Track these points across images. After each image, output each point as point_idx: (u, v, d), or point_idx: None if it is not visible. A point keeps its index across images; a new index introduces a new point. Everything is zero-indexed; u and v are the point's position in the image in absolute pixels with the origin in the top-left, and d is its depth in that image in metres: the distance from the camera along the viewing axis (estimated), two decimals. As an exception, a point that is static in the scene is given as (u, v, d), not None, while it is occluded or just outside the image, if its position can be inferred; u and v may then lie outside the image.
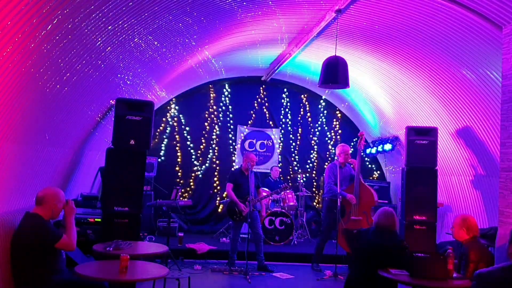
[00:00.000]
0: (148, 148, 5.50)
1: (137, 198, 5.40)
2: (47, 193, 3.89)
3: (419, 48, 6.00)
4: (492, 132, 5.78)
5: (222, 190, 9.48)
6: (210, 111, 9.79)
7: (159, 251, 4.40)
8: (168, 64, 6.64)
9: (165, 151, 9.49)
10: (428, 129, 6.46)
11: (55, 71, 3.92)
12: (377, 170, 10.08)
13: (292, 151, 10.12)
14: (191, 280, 5.03)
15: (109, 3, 3.81)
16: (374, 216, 4.53)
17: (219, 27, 6.01)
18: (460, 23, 5.04)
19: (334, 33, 5.97)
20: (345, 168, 6.96)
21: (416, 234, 6.17)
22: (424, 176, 6.28)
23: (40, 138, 4.44)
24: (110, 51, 4.72)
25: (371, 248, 4.28)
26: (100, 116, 6.15)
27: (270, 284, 6.28)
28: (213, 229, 9.15)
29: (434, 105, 6.82)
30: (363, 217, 6.66)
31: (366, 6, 5.43)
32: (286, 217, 8.24)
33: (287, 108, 10.15)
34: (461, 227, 4.27)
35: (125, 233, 5.08)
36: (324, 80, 5.54)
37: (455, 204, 7.18)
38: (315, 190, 10.09)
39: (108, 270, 3.63)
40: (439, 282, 3.79)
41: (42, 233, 3.70)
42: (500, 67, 4.73)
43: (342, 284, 4.72)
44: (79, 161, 6.26)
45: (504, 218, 4.50)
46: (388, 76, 7.28)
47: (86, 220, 5.81)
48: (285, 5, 5.67)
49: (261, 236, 6.85)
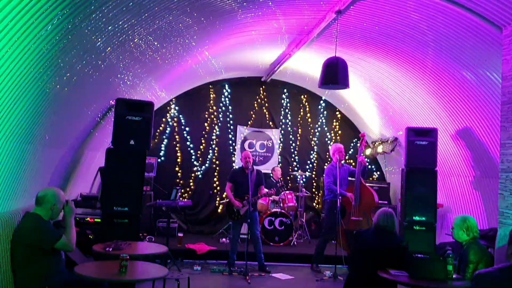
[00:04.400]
0: (148, 148, 5.50)
1: (136, 199, 5.41)
2: (46, 193, 3.90)
3: (419, 49, 6.00)
4: (492, 133, 5.78)
5: (222, 191, 9.47)
6: (210, 111, 9.79)
7: (159, 251, 4.41)
8: (168, 64, 6.64)
9: (165, 151, 9.49)
10: (428, 130, 6.47)
11: (55, 72, 3.93)
12: (377, 170, 10.09)
13: (292, 152, 10.12)
14: (190, 281, 5.03)
15: (109, 4, 3.82)
16: (374, 216, 4.53)
17: (219, 28, 6.01)
18: (460, 24, 5.04)
19: (334, 34, 5.97)
20: (342, 168, 6.96)
21: (416, 234, 6.17)
22: (424, 177, 6.29)
23: (40, 138, 4.44)
24: (110, 51, 4.72)
25: (370, 249, 4.28)
26: (100, 116, 6.16)
27: (269, 285, 6.28)
28: (212, 229, 9.15)
29: (434, 106, 6.82)
30: (363, 218, 6.66)
31: (366, 7, 5.43)
32: (286, 218, 8.24)
33: (287, 108, 10.15)
34: (461, 228, 4.27)
35: (125, 233, 5.08)
36: (324, 81, 5.55)
37: (454, 205, 7.18)
38: (314, 190, 10.09)
39: (107, 271, 3.62)
40: (438, 283, 3.79)
41: (42, 233, 3.70)
42: (500, 68, 4.73)
43: (341, 285, 4.72)
44: (79, 161, 6.27)
45: (503, 219, 4.50)
46: (388, 76, 7.29)
47: (85, 220, 5.81)
48: (285, 6, 5.67)
49: (258, 237, 6.83)
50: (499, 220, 4.58)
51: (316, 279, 6.57)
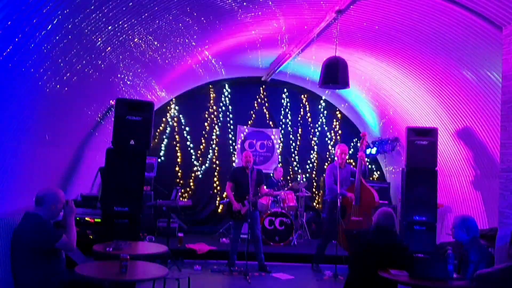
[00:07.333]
0: (148, 148, 5.50)
1: (137, 198, 5.40)
2: (47, 193, 3.89)
3: (419, 49, 6.00)
4: (492, 133, 5.78)
5: (222, 191, 9.47)
6: (210, 111, 9.79)
7: (159, 251, 4.40)
8: (168, 64, 6.64)
9: (165, 151, 9.49)
10: (428, 130, 6.46)
11: (55, 71, 3.93)
12: (377, 170, 10.09)
13: (292, 152, 10.12)
14: (190, 281, 5.02)
15: (109, 4, 3.82)
16: (374, 216, 4.53)
17: (219, 28, 6.01)
18: (460, 24, 5.04)
19: (334, 34, 5.97)
20: (344, 169, 6.95)
21: (416, 234, 6.17)
22: (424, 177, 6.28)
23: (40, 138, 4.44)
24: (110, 51, 4.72)
25: (370, 249, 4.28)
26: (100, 116, 6.16)
27: (270, 285, 6.27)
28: (213, 229, 9.13)
29: (434, 105, 6.82)
30: (364, 217, 6.65)
31: (366, 7, 5.43)
32: (286, 218, 8.23)
33: (287, 108, 10.15)
34: (461, 227, 4.26)
35: (125, 233, 5.08)
36: (324, 81, 5.54)
37: (455, 205, 7.18)
38: (315, 190, 10.08)
39: (108, 271, 3.62)
40: (439, 283, 3.79)
41: (42, 233, 3.69)
42: (500, 68, 4.73)
43: (342, 285, 4.71)
44: (79, 161, 6.27)
45: (504, 219, 4.50)
46: (388, 76, 7.29)
47: (86, 220, 5.81)
48: (285, 6, 5.67)
49: (259, 237, 6.83)
50: (500, 220, 4.58)
51: (317, 279, 6.57)
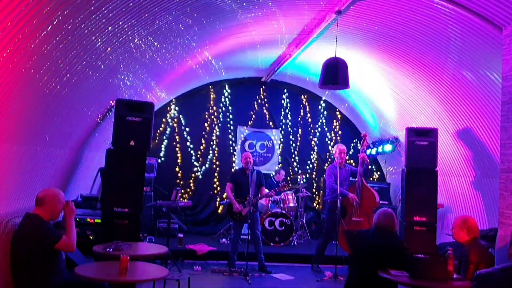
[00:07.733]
0: (148, 149, 5.50)
1: (137, 199, 5.40)
2: (47, 194, 3.89)
3: (419, 49, 6.00)
4: (492, 133, 5.78)
5: (222, 191, 9.47)
6: (210, 112, 9.79)
7: (159, 252, 4.40)
8: (168, 65, 6.64)
9: (165, 152, 9.49)
10: (428, 130, 6.46)
11: (55, 72, 3.93)
12: (377, 171, 10.08)
13: (292, 152, 10.11)
14: (191, 281, 5.02)
15: (109, 4, 3.82)
16: (374, 217, 4.53)
17: (219, 28, 6.01)
18: (460, 24, 5.04)
19: (334, 34, 5.97)
20: (344, 168, 6.95)
21: (416, 235, 6.16)
22: (424, 177, 6.28)
23: (40, 139, 4.44)
24: (110, 52, 4.72)
25: (371, 249, 4.28)
26: (100, 117, 6.16)
27: (270, 285, 6.27)
28: (213, 230, 9.14)
29: (434, 106, 6.82)
30: (364, 218, 6.65)
31: (366, 7, 5.43)
32: (286, 218, 8.23)
33: (287, 109, 10.15)
34: (461, 228, 4.26)
35: (125, 234, 5.08)
36: (324, 81, 5.54)
37: (455, 205, 7.18)
38: (315, 191, 10.08)
39: (108, 271, 3.62)
40: (439, 283, 3.79)
41: (42, 234, 3.70)
42: (500, 68, 4.73)
43: (342, 285, 4.71)
44: (79, 162, 6.26)
45: (504, 219, 4.50)
46: (388, 77, 7.29)
47: (86, 221, 5.81)
48: (285, 6, 5.67)
49: (259, 238, 6.83)
50: (500, 220, 4.57)
51: (317, 279, 6.57)
